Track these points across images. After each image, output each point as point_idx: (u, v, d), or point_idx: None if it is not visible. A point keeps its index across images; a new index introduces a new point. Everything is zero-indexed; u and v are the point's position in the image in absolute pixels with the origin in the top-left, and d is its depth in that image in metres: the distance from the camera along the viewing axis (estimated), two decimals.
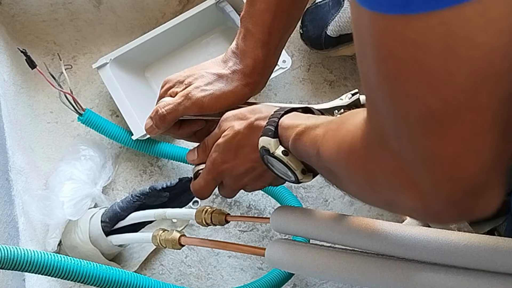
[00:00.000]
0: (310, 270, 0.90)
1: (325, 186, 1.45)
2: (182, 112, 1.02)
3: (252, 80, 1.03)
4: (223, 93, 1.01)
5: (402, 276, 0.83)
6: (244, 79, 1.02)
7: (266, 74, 1.05)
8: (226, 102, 1.02)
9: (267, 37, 1.01)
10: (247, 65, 1.02)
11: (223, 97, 1.01)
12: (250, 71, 1.02)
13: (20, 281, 1.22)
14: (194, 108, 1.01)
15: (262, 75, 1.04)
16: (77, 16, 1.55)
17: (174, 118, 1.04)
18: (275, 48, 1.03)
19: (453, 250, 0.80)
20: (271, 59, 1.04)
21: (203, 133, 1.06)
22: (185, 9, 1.55)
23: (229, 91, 1.02)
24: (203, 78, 1.03)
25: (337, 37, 1.45)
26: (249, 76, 1.02)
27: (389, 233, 0.84)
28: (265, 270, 1.37)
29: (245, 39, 1.03)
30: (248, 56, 1.02)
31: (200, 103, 1.01)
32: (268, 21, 1.00)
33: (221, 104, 1.02)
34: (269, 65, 1.05)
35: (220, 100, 1.01)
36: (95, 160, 1.41)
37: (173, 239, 1.14)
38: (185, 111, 1.02)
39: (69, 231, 1.33)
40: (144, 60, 1.54)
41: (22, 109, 1.46)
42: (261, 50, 1.01)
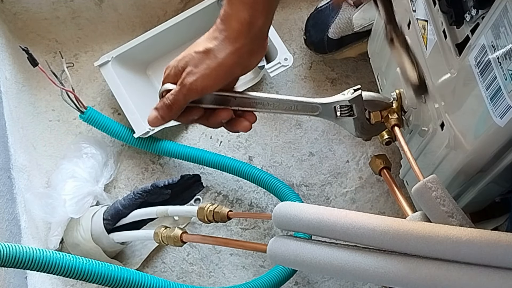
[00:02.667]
0: (312, 266, 0.90)
1: (327, 184, 1.45)
2: (184, 101, 1.00)
3: (239, 44, 0.97)
4: (211, 70, 0.97)
5: (404, 271, 0.83)
6: (231, 45, 0.97)
7: (255, 38, 0.98)
8: (217, 79, 0.99)
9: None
10: (232, 29, 0.97)
11: (213, 75, 0.98)
12: (235, 35, 0.97)
13: (22, 279, 1.22)
14: (192, 94, 0.99)
15: (251, 39, 0.98)
16: (79, 14, 1.55)
17: (180, 108, 1.01)
18: (263, 9, 0.97)
19: (455, 244, 0.81)
20: (259, 20, 0.97)
21: (207, 118, 1.05)
22: (186, 7, 1.55)
23: (217, 65, 0.97)
24: (193, 60, 0.99)
25: (338, 39, 1.45)
26: (235, 41, 0.97)
27: (391, 228, 0.84)
28: (267, 268, 1.37)
29: (230, 3, 0.97)
30: (233, 19, 0.97)
31: (194, 88, 0.98)
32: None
33: (213, 82, 0.99)
34: (258, 28, 0.98)
35: (210, 78, 0.98)
36: (97, 158, 1.42)
37: (175, 236, 1.15)
38: (186, 99, 1.00)
39: (71, 229, 1.33)
40: (146, 58, 1.54)
41: (24, 107, 1.46)
42: (247, 12, 0.96)
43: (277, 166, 1.47)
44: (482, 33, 0.79)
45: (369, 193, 1.44)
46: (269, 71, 1.45)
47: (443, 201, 0.89)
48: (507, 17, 0.72)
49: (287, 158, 1.48)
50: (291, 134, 1.50)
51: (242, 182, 1.45)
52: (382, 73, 1.31)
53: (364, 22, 1.41)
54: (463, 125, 0.92)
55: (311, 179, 1.46)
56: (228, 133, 1.49)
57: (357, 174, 1.46)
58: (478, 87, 0.82)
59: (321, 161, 1.48)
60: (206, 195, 1.45)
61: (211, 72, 0.98)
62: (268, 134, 1.50)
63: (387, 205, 1.43)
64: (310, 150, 1.49)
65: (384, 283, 0.86)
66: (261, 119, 1.51)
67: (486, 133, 0.85)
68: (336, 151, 1.48)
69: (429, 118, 1.04)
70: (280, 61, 1.45)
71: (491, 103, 0.80)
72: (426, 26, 0.97)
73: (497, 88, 0.77)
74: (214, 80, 0.98)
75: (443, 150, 1.02)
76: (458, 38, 0.88)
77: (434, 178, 0.91)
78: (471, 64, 0.83)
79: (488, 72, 0.79)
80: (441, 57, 0.93)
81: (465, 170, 0.97)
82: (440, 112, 0.99)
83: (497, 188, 1.02)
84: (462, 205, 1.06)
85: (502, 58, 0.75)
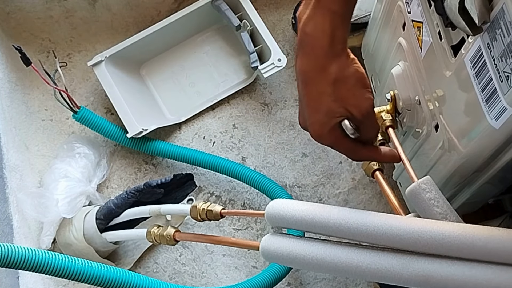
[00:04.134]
0: (305, 263, 0.90)
1: (320, 185, 1.45)
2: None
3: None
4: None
5: (397, 267, 0.84)
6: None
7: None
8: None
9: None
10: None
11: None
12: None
13: (14, 278, 1.21)
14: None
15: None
16: (72, 13, 1.54)
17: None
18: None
19: (447, 240, 0.81)
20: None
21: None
22: (180, 7, 1.55)
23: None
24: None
25: None
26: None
27: (383, 224, 0.85)
28: (260, 269, 1.37)
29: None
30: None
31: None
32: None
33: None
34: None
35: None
36: (90, 158, 1.41)
37: (168, 235, 1.15)
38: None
39: (63, 229, 1.33)
40: (139, 58, 1.54)
41: (17, 107, 1.45)
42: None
43: (270, 167, 1.47)
44: (478, 35, 0.79)
45: (362, 194, 1.45)
46: (262, 71, 1.45)
47: (436, 202, 0.89)
48: (504, 19, 0.72)
49: (280, 159, 1.48)
50: (284, 135, 1.50)
51: (235, 183, 1.45)
52: (376, 75, 1.31)
53: (360, 12, 1.38)
54: (458, 127, 0.93)
55: (304, 180, 1.46)
56: (221, 134, 1.49)
57: (350, 175, 1.46)
58: (473, 88, 0.82)
59: (314, 162, 1.48)
60: (199, 195, 1.45)
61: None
62: (261, 135, 1.50)
63: (380, 207, 1.43)
64: (303, 151, 1.49)
65: (377, 279, 0.86)
66: (254, 120, 1.51)
67: (481, 135, 0.85)
68: (329, 152, 1.48)
69: (423, 119, 1.05)
70: (274, 61, 1.45)
71: (486, 105, 0.80)
72: (421, 28, 0.97)
73: (493, 89, 0.77)
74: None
75: (437, 151, 1.02)
76: (454, 40, 0.87)
77: (428, 179, 0.91)
78: (466, 66, 0.83)
79: (484, 73, 0.79)
80: (436, 59, 0.93)
81: (459, 172, 0.97)
82: (435, 114, 0.99)
83: (491, 189, 1.02)
84: (456, 206, 1.06)
85: (498, 60, 0.75)
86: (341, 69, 0.88)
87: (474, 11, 0.74)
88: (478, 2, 0.74)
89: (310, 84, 0.89)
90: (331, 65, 0.87)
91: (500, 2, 0.72)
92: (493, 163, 0.90)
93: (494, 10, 0.74)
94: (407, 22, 1.04)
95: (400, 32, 1.08)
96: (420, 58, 1.00)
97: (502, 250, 0.79)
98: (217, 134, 1.50)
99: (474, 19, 0.75)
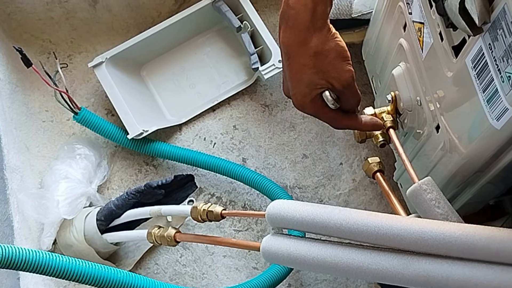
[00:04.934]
0: (306, 263, 0.90)
1: (320, 186, 1.45)
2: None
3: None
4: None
5: (398, 267, 0.84)
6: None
7: None
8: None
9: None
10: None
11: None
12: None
13: (15, 279, 1.21)
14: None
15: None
16: (73, 14, 1.54)
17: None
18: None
19: (448, 240, 0.81)
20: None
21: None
22: (181, 8, 1.55)
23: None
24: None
25: (333, 20, 1.42)
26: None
27: (384, 224, 0.85)
28: (260, 270, 1.37)
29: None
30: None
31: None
32: None
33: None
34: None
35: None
36: (90, 159, 1.41)
37: (169, 236, 1.15)
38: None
39: (64, 230, 1.33)
40: (140, 59, 1.54)
41: (17, 108, 1.45)
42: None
43: (271, 168, 1.47)
44: (479, 36, 0.79)
45: (362, 196, 1.45)
46: (263, 73, 1.45)
47: (438, 203, 0.89)
48: (505, 19, 0.72)
49: (280, 160, 1.48)
50: (285, 136, 1.50)
51: (236, 184, 1.45)
52: (376, 76, 1.31)
53: (364, 9, 1.37)
54: (459, 127, 0.93)
55: (305, 181, 1.46)
56: (222, 135, 1.49)
57: (350, 177, 1.46)
58: (474, 89, 0.82)
59: (315, 163, 1.48)
60: (199, 196, 1.45)
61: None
62: (262, 136, 1.50)
63: (381, 208, 1.43)
64: (304, 152, 1.49)
65: (378, 280, 0.86)
66: (255, 121, 1.51)
67: (482, 135, 0.85)
68: (330, 153, 1.48)
69: (424, 120, 1.05)
70: (274, 63, 1.46)
71: (487, 105, 0.80)
72: (422, 29, 0.97)
73: (494, 90, 0.77)
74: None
75: (438, 152, 1.02)
76: (455, 41, 0.87)
77: (429, 180, 0.91)
78: (467, 67, 0.83)
79: (485, 74, 0.79)
80: (437, 59, 0.93)
81: (460, 172, 0.97)
82: (436, 115, 0.99)
83: (493, 189, 1.02)
84: (457, 206, 1.06)
85: (499, 60, 0.75)
86: (321, 43, 0.93)
87: (474, 11, 0.74)
88: (478, 2, 0.74)
89: (292, 57, 0.95)
90: (312, 38, 0.93)
91: (501, 3, 0.72)
92: (494, 164, 0.90)
93: (495, 11, 0.74)
94: (408, 23, 1.04)
95: (401, 33, 1.08)
96: (421, 59, 1.00)
97: (503, 250, 0.79)
98: (217, 135, 1.50)
99: (474, 19, 0.75)
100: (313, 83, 0.96)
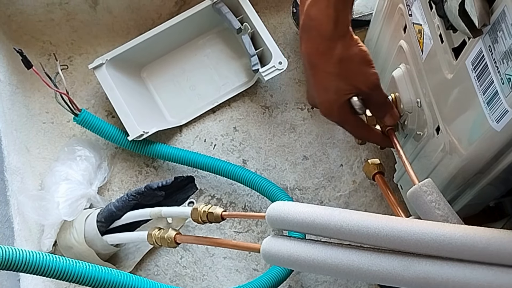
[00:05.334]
0: (306, 265, 0.90)
1: (321, 188, 1.45)
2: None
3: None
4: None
5: (398, 269, 0.84)
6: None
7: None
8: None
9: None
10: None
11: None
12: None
13: (15, 281, 1.21)
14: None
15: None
16: (73, 16, 1.54)
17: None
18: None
19: (448, 241, 0.81)
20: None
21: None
22: (181, 10, 1.55)
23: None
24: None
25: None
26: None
27: (384, 226, 0.85)
28: (260, 272, 1.37)
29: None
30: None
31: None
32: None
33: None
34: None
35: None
36: (91, 160, 1.41)
37: (169, 237, 1.15)
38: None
39: (64, 232, 1.33)
40: (140, 61, 1.54)
41: (18, 109, 1.45)
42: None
43: (271, 170, 1.47)
44: (479, 38, 0.79)
45: (362, 197, 1.45)
46: (263, 74, 1.45)
47: (438, 204, 0.89)
48: (505, 21, 0.72)
49: (281, 161, 1.48)
50: (285, 138, 1.50)
51: (236, 186, 1.45)
52: None
53: (365, 10, 1.37)
54: (459, 129, 0.93)
55: (305, 183, 1.46)
56: (222, 137, 1.49)
57: (351, 178, 1.46)
58: (474, 91, 0.82)
59: (315, 165, 1.48)
60: (199, 198, 1.45)
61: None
62: (262, 137, 1.50)
63: (381, 209, 1.43)
64: (304, 153, 1.49)
65: (378, 281, 0.86)
66: (255, 122, 1.51)
67: (482, 137, 0.85)
68: (330, 154, 1.48)
69: (424, 122, 1.05)
70: (275, 64, 1.46)
71: (487, 107, 0.80)
72: (422, 31, 0.97)
73: (494, 92, 0.77)
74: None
75: (438, 154, 1.02)
76: (455, 42, 0.87)
77: (429, 182, 0.91)
78: (467, 69, 0.83)
79: (485, 76, 0.79)
80: (437, 61, 0.93)
81: (461, 174, 0.97)
82: (436, 117, 0.99)
83: (494, 191, 1.02)
84: (457, 208, 1.06)
85: (499, 62, 0.75)
86: (345, 49, 0.94)
87: (474, 13, 0.74)
88: (478, 4, 0.74)
89: (317, 66, 0.96)
90: (336, 46, 0.93)
91: (501, 5, 0.72)
92: (495, 165, 0.90)
93: (495, 13, 0.74)
94: (408, 25, 1.04)
95: (401, 34, 1.08)
96: (421, 60, 1.00)
97: (504, 251, 0.79)
98: (218, 137, 1.50)
99: (474, 21, 0.75)
100: (341, 90, 0.97)
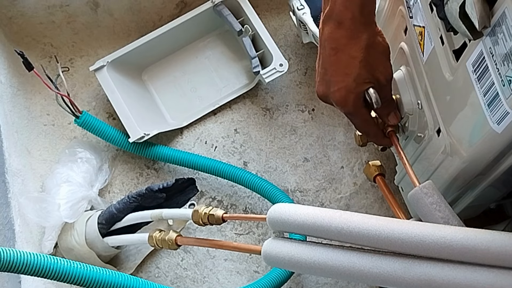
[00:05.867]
0: (307, 267, 0.90)
1: (321, 190, 1.45)
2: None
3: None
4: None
5: (399, 271, 0.84)
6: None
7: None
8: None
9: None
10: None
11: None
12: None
13: (16, 283, 1.21)
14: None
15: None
16: (74, 18, 1.55)
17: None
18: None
19: (449, 243, 0.81)
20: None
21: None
22: (182, 12, 1.55)
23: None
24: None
25: None
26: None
27: (385, 228, 0.85)
28: (261, 274, 1.37)
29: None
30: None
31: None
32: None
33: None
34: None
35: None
36: (92, 162, 1.41)
37: (170, 239, 1.15)
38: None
39: (65, 234, 1.33)
40: (141, 63, 1.54)
41: (19, 111, 1.45)
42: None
43: (272, 172, 1.47)
44: (480, 39, 0.79)
45: (363, 199, 1.45)
46: (264, 76, 1.45)
47: (438, 206, 0.89)
48: (506, 23, 0.72)
49: (281, 163, 1.48)
50: (286, 140, 1.50)
51: (237, 188, 1.45)
52: None
53: None
54: (460, 131, 0.93)
55: (306, 185, 1.46)
56: (223, 139, 1.49)
57: (351, 180, 1.46)
58: (475, 93, 0.83)
59: (316, 167, 1.48)
60: (200, 200, 1.45)
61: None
62: (263, 139, 1.50)
63: (382, 211, 1.43)
64: (305, 155, 1.49)
65: (379, 283, 0.86)
66: (256, 124, 1.51)
67: (483, 139, 0.85)
68: (331, 157, 1.48)
69: (425, 124, 1.05)
70: (276, 66, 1.46)
71: (488, 109, 0.80)
72: (423, 33, 0.97)
73: (495, 94, 0.78)
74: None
75: (439, 156, 1.02)
76: (455, 44, 0.88)
77: (430, 184, 0.91)
78: (468, 70, 0.83)
79: (486, 78, 0.79)
80: (438, 63, 0.93)
81: (461, 176, 0.97)
82: (437, 118, 0.99)
83: (494, 193, 1.02)
84: (458, 210, 1.06)
85: (500, 64, 0.75)
86: (372, 36, 0.95)
87: (475, 15, 0.74)
88: (479, 7, 0.74)
89: (341, 50, 0.95)
90: (363, 32, 0.94)
91: (502, 7, 0.72)
92: (496, 167, 0.90)
93: (495, 15, 0.74)
94: (409, 27, 1.04)
95: (402, 36, 1.09)
96: (422, 62, 1.01)
97: (504, 253, 0.79)
98: (218, 139, 1.50)
99: (474, 24, 0.75)
100: (361, 77, 0.96)
